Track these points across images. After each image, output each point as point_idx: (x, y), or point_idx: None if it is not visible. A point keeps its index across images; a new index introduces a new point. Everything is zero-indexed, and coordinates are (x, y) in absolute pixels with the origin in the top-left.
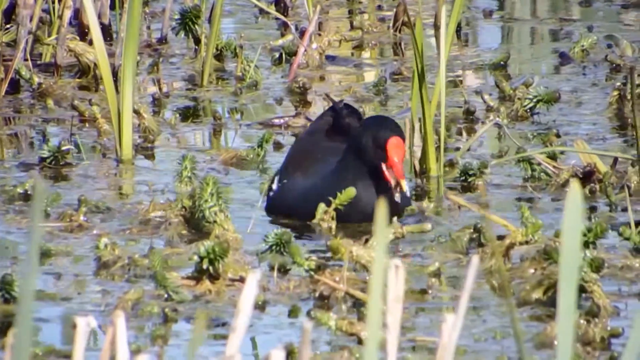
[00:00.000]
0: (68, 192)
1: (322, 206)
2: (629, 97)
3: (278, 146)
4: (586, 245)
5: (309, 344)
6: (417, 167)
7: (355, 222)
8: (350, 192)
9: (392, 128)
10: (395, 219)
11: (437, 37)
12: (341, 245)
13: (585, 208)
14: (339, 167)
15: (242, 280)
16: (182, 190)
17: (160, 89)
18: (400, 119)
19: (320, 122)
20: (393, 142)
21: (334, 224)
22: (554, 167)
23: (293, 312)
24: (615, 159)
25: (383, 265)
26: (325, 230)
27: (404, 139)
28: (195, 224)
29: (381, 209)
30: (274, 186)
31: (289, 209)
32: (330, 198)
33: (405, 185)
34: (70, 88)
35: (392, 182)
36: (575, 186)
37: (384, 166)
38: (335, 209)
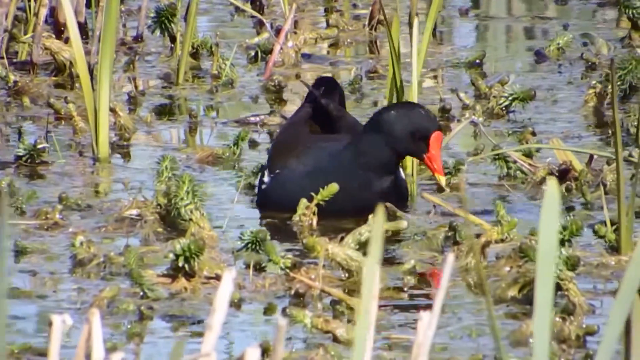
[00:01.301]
0: (44, 190)
1: (303, 202)
2: (606, 93)
3: (254, 144)
4: (562, 243)
5: (283, 341)
6: None
7: (353, 211)
8: (333, 187)
9: (434, 120)
10: (370, 217)
11: (411, 35)
12: (317, 243)
13: (561, 206)
14: (347, 152)
15: (217, 278)
16: (161, 190)
17: (136, 87)
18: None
19: (300, 114)
20: (436, 136)
21: (315, 220)
22: (529, 165)
23: (269, 310)
24: (591, 157)
25: (375, 265)
26: (306, 227)
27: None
28: (171, 222)
29: (379, 210)
30: (265, 179)
31: (287, 198)
32: (313, 193)
33: (444, 180)
34: (46, 86)
35: (436, 173)
36: (552, 184)
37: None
38: (332, 200)
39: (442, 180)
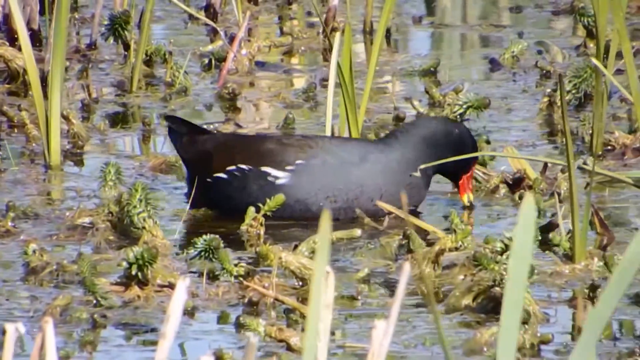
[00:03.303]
0: None
1: (251, 210)
2: (559, 103)
3: None
4: None
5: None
6: None
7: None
8: (280, 198)
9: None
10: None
11: (366, 42)
12: (270, 251)
13: (514, 214)
14: (393, 154)
15: (171, 286)
16: (107, 196)
17: (89, 94)
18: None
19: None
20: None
21: (262, 230)
22: (483, 173)
23: (222, 318)
24: (545, 165)
25: (322, 273)
26: (254, 237)
27: None
28: (123, 230)
29: (325, 217)
30: (281, 173)
31: (317, 185)
32: (260, 204)
33: (471, 198)
34: None
35: (465, 193)
36: (529, 200)
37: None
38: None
39: (471, 197)
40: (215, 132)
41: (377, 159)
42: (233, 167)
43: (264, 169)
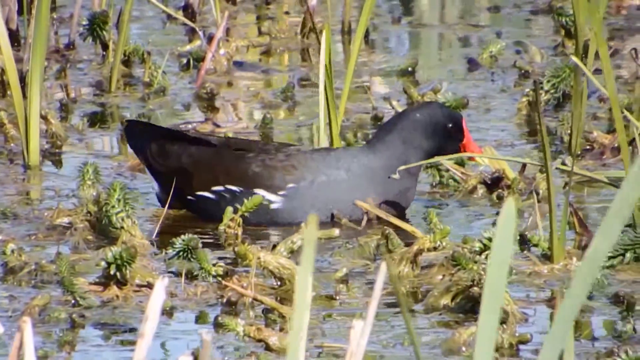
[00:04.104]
0: None
1: (229, 210)
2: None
3: None
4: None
5: (209, 356)
6: None
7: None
8: (257, 198)
9: (453, 109)
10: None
11: (344, 42)
12: (248, 251)
13: (492, 214)
14: (374, 159)
15: (149, 286)
16: (86, 196)
17: (67, 94)
18: (308, 125)
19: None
20: (464, 122)
21: (240, 231)
22: (462, 173)
23: (201, 318)
24: (524, 165)
25: (307, 275)
26: (232, 237)
27: None
28: (102, 230)
29: (311, 220)
30: (275, 197)
31: (320, 211)
32: (238, 205)
33: (486, 160)
34: None
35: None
36: (510, 204)
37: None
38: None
39: (485, 160)
40: (187, 133)
41: (364, 171)
42: (220, 188)
43: (257, 191)
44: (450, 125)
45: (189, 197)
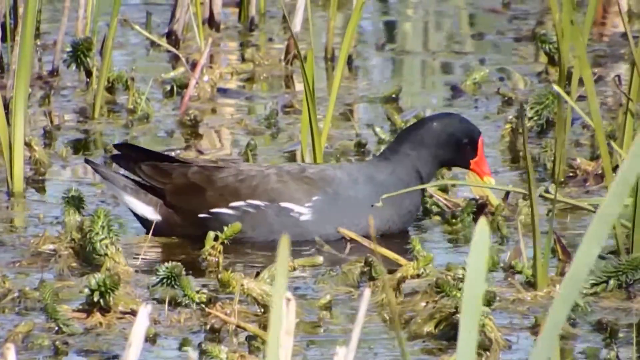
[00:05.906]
0: None
1: (210, 235)
2: (520, 130)
3: None
4: None
5: None
6: None
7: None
8: (236, 226)
9: (475, 125)
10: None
11: (327, 69)
12: (232, 278)
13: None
14: (396, 168)
15: (133, 313)
16: (71, 223)
17: (51, 121)
18: (290, 151)
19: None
20: (481, 140)
21: (221, 258)
22: (445, 199)
23: (184, 345)
24: (507, 192)
25: (281, 300)
26: (213, 264)
27: None
28: (86, 257)
29: (283, 243)
30: (300, 209)
31: (345, 224)
32: (218, 232)
33: (494, 181)
34: None
35: (483, 176)
36: (482, 223)
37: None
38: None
39: (492, 181)
40: (176, 157)
41: (385, 182)
42: (241, 203)
43: (284, 204)
44: (465, 140)
45: (202, 216)
